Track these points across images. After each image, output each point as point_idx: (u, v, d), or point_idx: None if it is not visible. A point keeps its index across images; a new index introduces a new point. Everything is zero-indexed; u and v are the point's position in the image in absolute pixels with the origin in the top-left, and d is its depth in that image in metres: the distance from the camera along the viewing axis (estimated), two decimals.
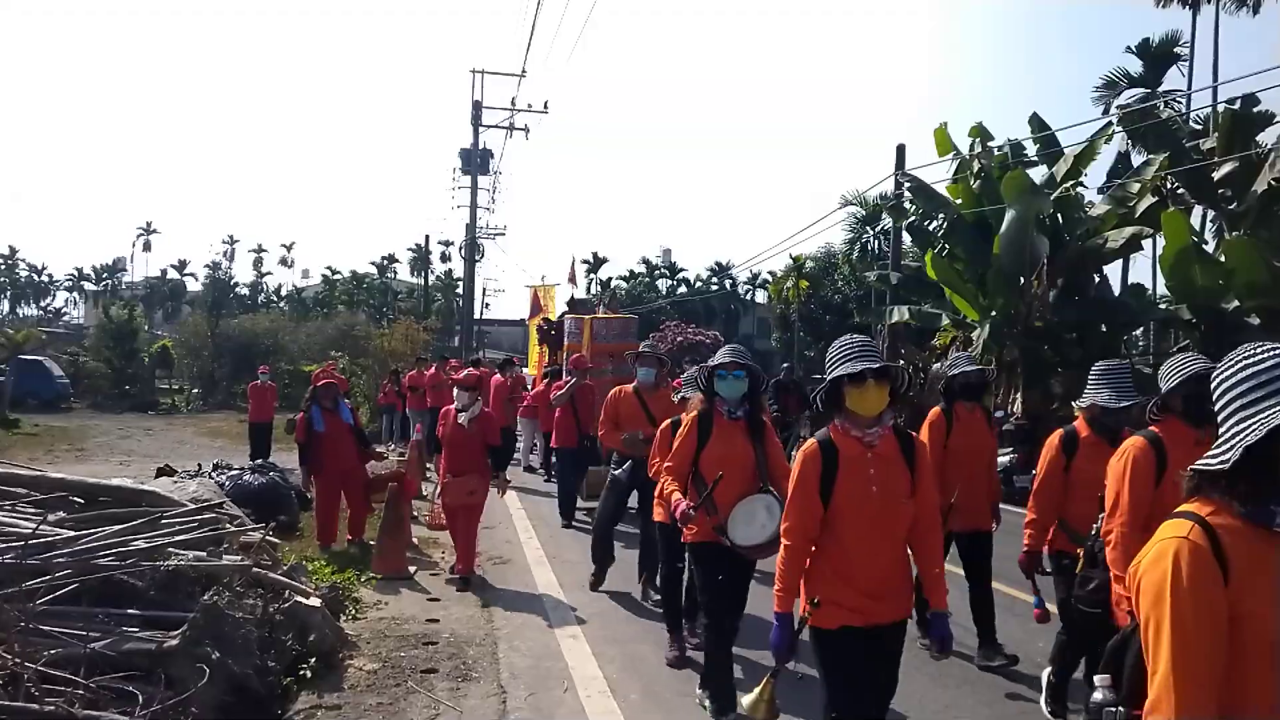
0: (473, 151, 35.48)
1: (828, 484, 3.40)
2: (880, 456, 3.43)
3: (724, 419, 4.92)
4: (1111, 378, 4.63)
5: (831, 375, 3.43)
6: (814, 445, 3.48)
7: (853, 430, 3.43)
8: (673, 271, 68.77)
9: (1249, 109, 17.00)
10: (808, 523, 3.47)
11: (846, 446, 3.42)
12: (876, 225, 32.87)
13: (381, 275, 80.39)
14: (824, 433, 3.51)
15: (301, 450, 9.22)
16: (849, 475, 3.38)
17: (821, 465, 3.42)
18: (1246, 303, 14.68)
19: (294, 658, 5.25)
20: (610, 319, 14.70)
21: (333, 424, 9.09)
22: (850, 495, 3.38)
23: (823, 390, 3.51)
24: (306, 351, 34.67)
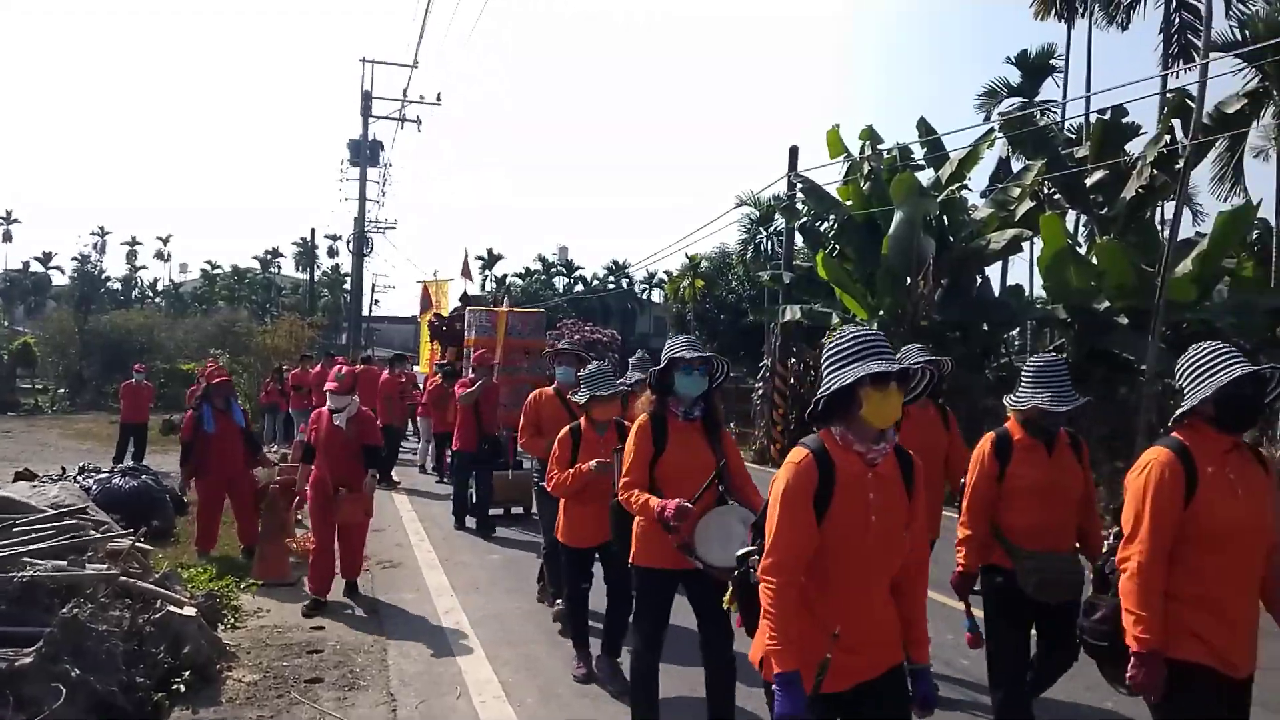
0: (362, 143, 34.60)
1: (820, 507, 2.77)
2: (881, 477, 2.84)
3: (679, 421, 4.35)
4: (1052, 377, 4.17)
5: (845, 375, 2.76)
6: (808, 456, 2.81)
7: (856, 444, 2.81)
8: (569, 269, 68.57)
9: (1118, 119, 17.83)
10: (801, 553, 2.77)
11: (845, 463, 2.80)
12: (770, 226, 33.38)
13: (265, 270, 77.66)
14: (815, 441, 2.86)
15: (185, 450, 8.63)
16: (846, 499, 2.78)
17: (818, 482, 2.78)
18: (1116, 303, 15.37)
19: (166, 671, 4.92)
20: (523, 313, 14.35)
21: (224, 425, 8.57)
22: (844, 523, 2.77)
23: (828, 393, 2.81)
24: (184, 349, 33.23)
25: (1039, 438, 4.24)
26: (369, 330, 53.02)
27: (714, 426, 4.41)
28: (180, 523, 10.07)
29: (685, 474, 4.23)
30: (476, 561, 8.84)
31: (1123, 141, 17.86)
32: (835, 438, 2.84)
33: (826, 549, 2.79)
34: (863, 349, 2.79)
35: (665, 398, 4.35)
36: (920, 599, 3.03)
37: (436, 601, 7.29)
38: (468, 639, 6.32)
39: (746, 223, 34.49)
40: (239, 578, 7.60)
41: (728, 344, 33.40)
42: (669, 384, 4.32)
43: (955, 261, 17.32)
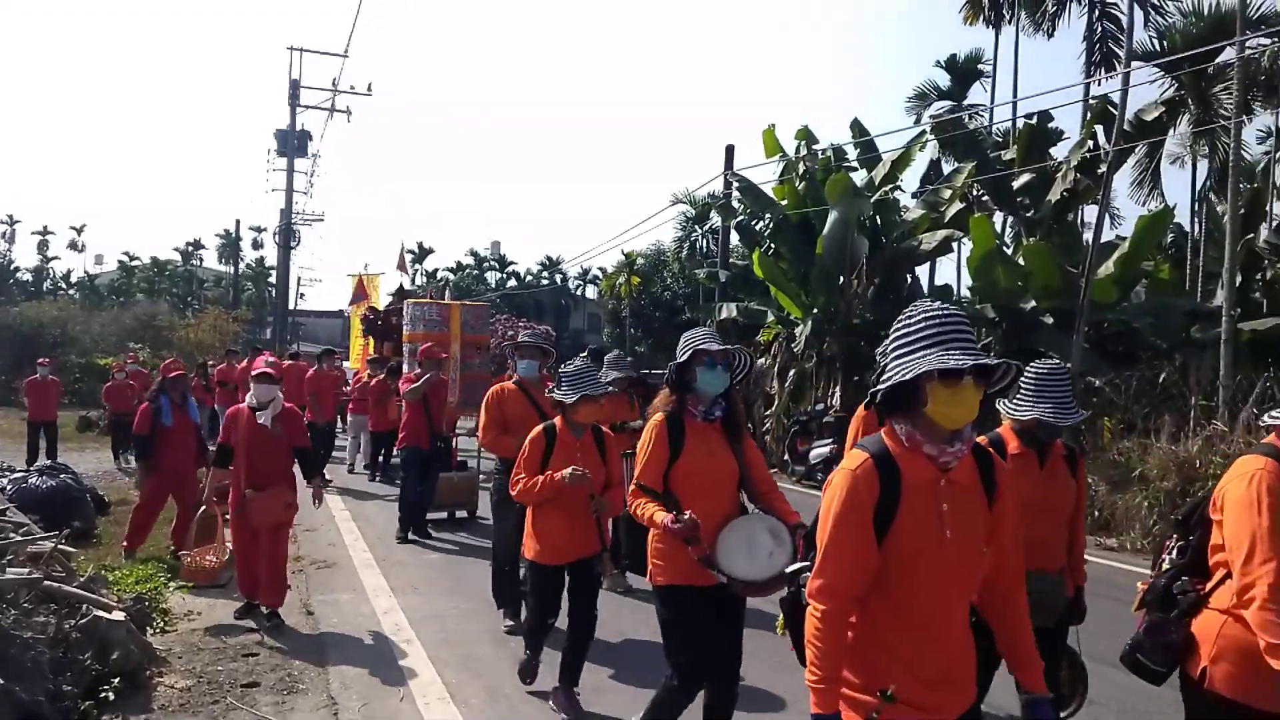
0: (289, 132, 33.83)
1: (883, 520, 2.32)
2: (956, 485, 2.37)
3: (697, 421, 3.91)
4: (1054, 388, 3.88)
5: (908, 366, 2.28)
6: (866, 460, 2.34)
7: (926, 445, 2.32)
8: (502, 264, 67.92)
9: (1044, 125, 18.34)
10: (857, 576, 2.33)
11: (913, 467, 2.33)
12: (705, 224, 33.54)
13: (186, 262, 75.35)
14: (876, 443, 2.40)
15: (141, 444, 8.31)
16: (914, 510, 2.32)
17: (879, 492, 2.32)
18: (1042, 303, 15.79)
19: (94, 678, 4.73)
20: (476, 306, 14.07)
21: (180, 420, 8.36)
22: (912, 541, 2.32)
23: (889, 385, 2.33)
24: (101, 343, 32.08)
25: (1032, 447, 4.01)
26: (294, 325, 51.85)
27: (735, 428, 3.99)
28: (102, 523, 9.74)
29: (705, 481, 3.84)
30: (413, 561, 8.69)
31: (1048, 146, 18.36)
32: (900, 437, 2.37)
33: (891, 571, 2.34)
34: (936, 334, 2.29)
35: (684, 396, 3.92)
36: (1023, 618, 2.55)
37: (374, 602, 7.15)
38: (409, 640, 6.20)
39: (682, 220, 34.64)
40: (168, 579, 7.37)
41: (663, 341, 33.46)
42: (689, 381, 3.89)
43: (888, 261, 17.61)
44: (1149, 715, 5.12)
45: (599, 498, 4.88)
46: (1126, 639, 3.12)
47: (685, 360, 3.88)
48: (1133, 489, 11.10)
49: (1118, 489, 11.43)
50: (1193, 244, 18.30)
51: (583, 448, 4.95)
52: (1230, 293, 12.19)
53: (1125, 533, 10.86)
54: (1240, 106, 12.93)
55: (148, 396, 8.56)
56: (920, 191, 19.31)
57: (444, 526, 10.26)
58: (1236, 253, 12.66)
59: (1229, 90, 14.82)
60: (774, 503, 3.93)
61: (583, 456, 4.87)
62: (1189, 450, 10.76)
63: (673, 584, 3.86)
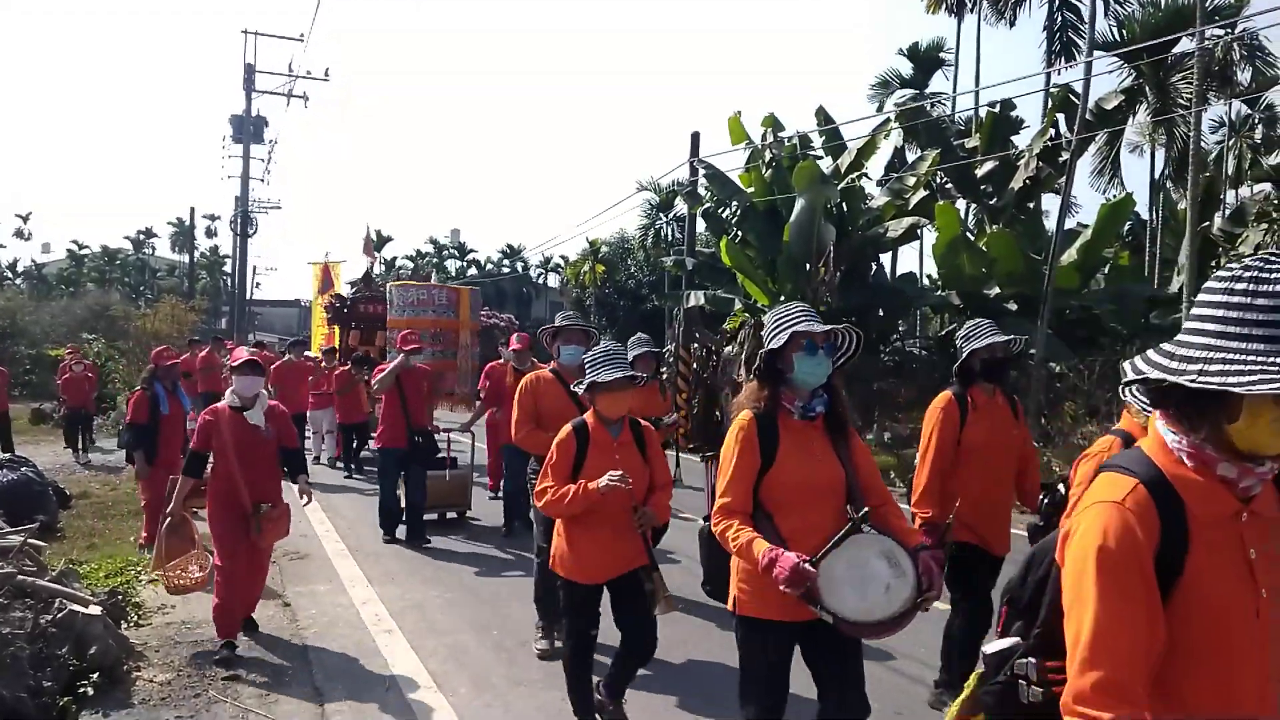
0: (245, 118, 33.29)
1: (1168, 571, 1.62)
2: (1264, 521, 1.70)
3: (793, 420, 3.15)
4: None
5: (1238, 375, 1.55)
6: (1137, 490, 1.65)
7: (1228, 471, 1.65)
8: (462, 252, 67.35)
9: (1006, 113, 18.53)
10: (1143, 660, 1.59)
11: (1208, 499, 1.66)
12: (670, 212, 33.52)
13: (138, 251, 73.88)
14: (1142, 462, 1.71)
15: (139, 434, 8.04)
16: (1215, 557, 1.65)
17: (1160, 532, 1.63)
18: (1006, 290, 16.00)
19: (72, 674, 4.62)
20: (475, 290, 13.82)
21: (175, 408, 8.26)
22: (1212, 604, 1.64)
23: (1204, 383, 1.57)
24: (51, 334, 31.31)
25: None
26: (250, 314, 51.09)
27: (840, 426, 3.22)
28: (65, 517, 9.52)
29: (804, 493, 3.09)
30: (388, 551, 8.59)
31: (1010, 134, 18.56)
32: (1190, 453, 1.68)
33: (1181, 648, 1.64)
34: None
35: (777, 389, 3.17)
36: None
37: (351, 592, 7.06)
38: (390, 630, 6.13)
39: (647, 208, 34.58)
40: (137, 571, 7.22)
41: (628, 329, 33.41)
42: (783, 370, 3.15)
43: (854, 249, 17.71)
44: None
45: (644, 509, 4.07)
46: None
47: (782, 345, 3.11)
48: None
49: None
50: (1151, 231, 18.62)
51: (621, 447, 4.18)
52: (1190, 279, 12.44)
53: None
54: (1200, 96, 13.16)
55: (141, 385, 8.35)
56: (885, 179, 19.42)
57: (443, 531, 9.40)
58: (1196, 242, 12.89)
59: (1187, 80, 15.09)
60: (889, 519, 3.13)
61: (622, 458, 4.10)
62: None
63: (759, 618, 3.13)
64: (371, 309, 15.82)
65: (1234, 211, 20.52)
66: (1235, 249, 18.66)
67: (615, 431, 4.23)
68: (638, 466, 4.17)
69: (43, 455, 14.79)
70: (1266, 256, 1.61)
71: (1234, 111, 24.70)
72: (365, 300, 16.18)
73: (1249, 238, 18.52)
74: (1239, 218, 19.80)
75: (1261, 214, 18.72)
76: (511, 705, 4.89)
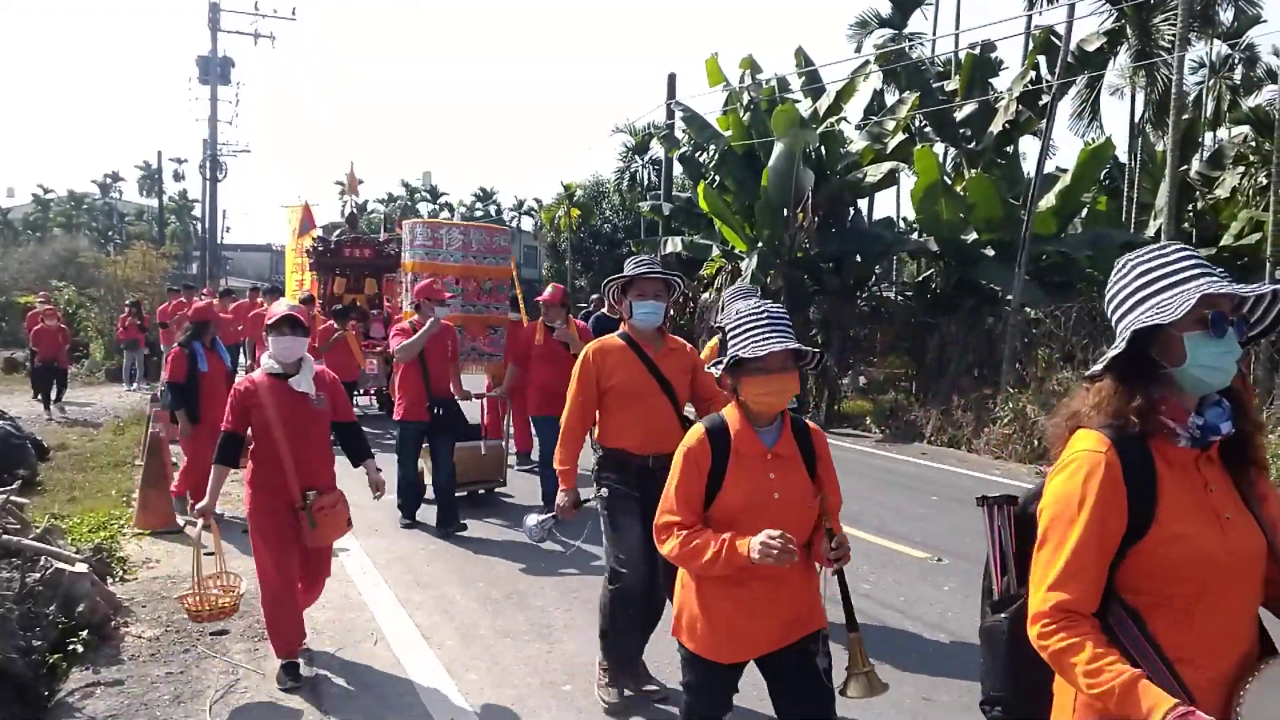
0: (212, 59, 32.53)
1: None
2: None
3: (1176, 448, 1.83)
4: None
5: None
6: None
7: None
8: (434, 195, 66.53)
9: (986, 55, 18.35)
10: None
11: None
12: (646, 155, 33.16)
13: (105, 195, 72.54)
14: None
15: (179, 393, 7.57)
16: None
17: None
18: (984, 235, 16.01)
19: (61, 632, 4.63)
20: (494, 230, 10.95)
21: (215, 365, 7.79)
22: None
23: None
24: (20, 280, 30.81)
25: None
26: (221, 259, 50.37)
27: (1242, 455, 1.89)
28: (44, 470, 9.46)
29: (1210, 576, 1.78)
30: (369, 503, 8.45)
31: (990, 76, 18.42)
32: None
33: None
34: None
35: (1153, 396, 1.84)
36: None
37: (335, 544, 7.07)
38: (376, 584, 6.18)
39: (623, 151, 34.20)
40: (120, 525, 7.22)
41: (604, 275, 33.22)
42: (1163, 361, 1.84)
43: (832, 194, 17.63)
44: None
45: (839, 537, 2.74)
46: None
47: (1165, 323, 1.78)
48: None
49: None
50: (1129, 175, 18.64)
51: (779, 463, 2.79)
52: (1168, 226, 12.50)
53: None
54: (1183, 39, 13.10)
55: (180, 341, 7.80)
56: (864, 123, 19.28)
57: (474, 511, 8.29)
58: (1175, 187, 12.93)
59: (1169, 21, 14.99)
60: None
61: (781, 479, 2.77)
62: None
63: None
64: (358, 253, 14.96)
65: (1212, 154, 20.57)
66: (1212, 192, 18.78)
67: (771, 438, 2.81)
68: (804, 492, 2.79)
69: (16, 406, 14.64)
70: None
71: (1214, 52, 24.66)
72: (351, 243, 15.05)
73: (1226, 181, 18.64)
74: (1217, 161, 19.87)
75: (1239, 157, 18.80)
76: (499, 657, 4.95)
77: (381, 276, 15.28)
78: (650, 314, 4.29)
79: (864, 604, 5.89)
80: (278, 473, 4.42)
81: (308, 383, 4.54)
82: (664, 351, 4.36)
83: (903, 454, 12.61)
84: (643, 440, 4.22)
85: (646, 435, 4.21)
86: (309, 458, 4.51)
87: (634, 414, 4.20)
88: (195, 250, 57.04)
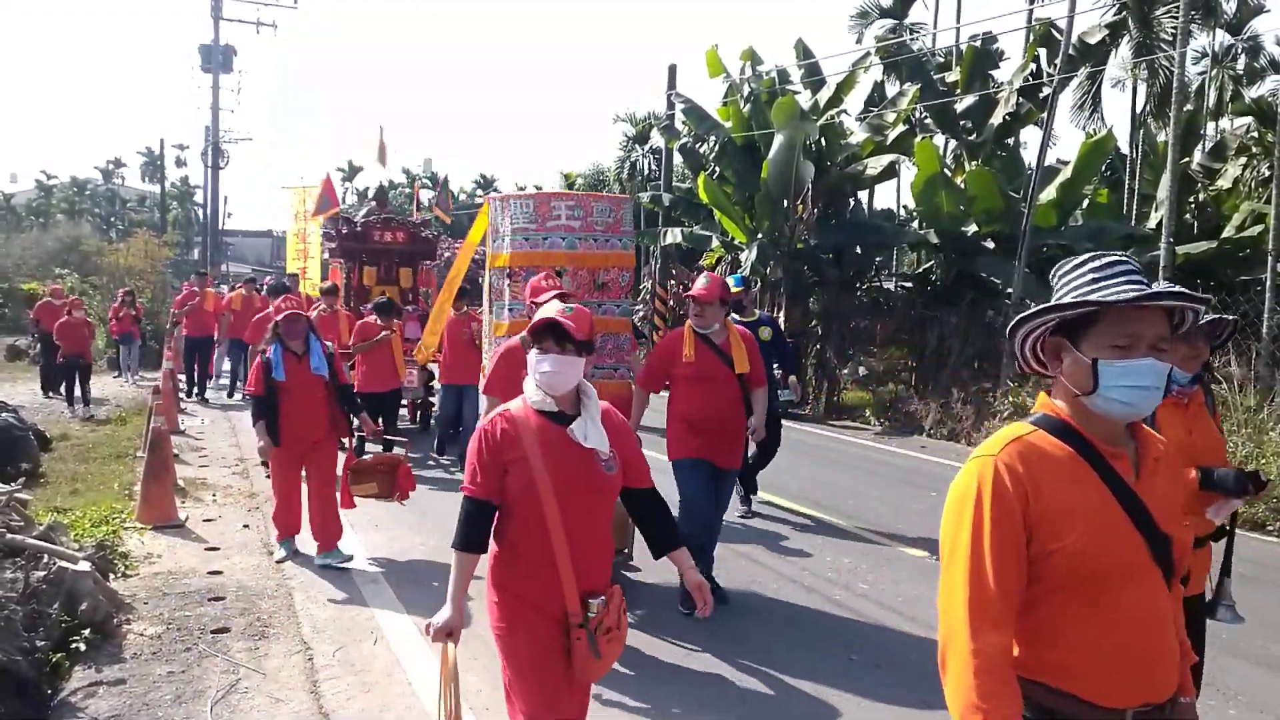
0: (214, 48, 32.49)
1: None
2: None
3: None
4: None
5: None
6: None
7: None
8: (435, 182, 66.43)
9: (987, 47, 18.30)
10: None
11: None
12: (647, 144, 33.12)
13: (108, 181, 72.46)
14: None
15: (257, 406, 6.54)
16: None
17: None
18: (984, 228, 16.00)
19: (64, 631, 4.69)
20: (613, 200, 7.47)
21: (298, 374, 6.46)
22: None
23: None
24: (23, 267, 30.83)
25: None
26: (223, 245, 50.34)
27: None
28: (46, 461, 9.51)
29: None
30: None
31: (990, 68, 18.37)
32: None
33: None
34: None
35: None
36: None
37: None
38: (375, 580, 6.24)
39: (623, 140, 34.14)
40: (122, 520, 7.27)
41: None
42: None
43: (832, 186, 17.62)
44: None
45: None
46: None
47: None
48: None
49: None
50: (1131, 166, 18.60)
51: None
52: (1170, 218, 12.49)
53: None
54: (1185, 33, 13.05)
55: (262, 345, 6.86)
56: (865, 114, 19.23)
57: None
58: (1177, 179, 12.91)
59: (1171, 13, 14.94)
60: None
61: None
62: None
63: None
64: (390, 236, 12.67)
65: (1215, 146, 20.50)
66: (1214, 184, 18.72)
67: None
68: None
69: (20, 395, 14.71)
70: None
71: (1217, 42, 24.54)
72: (381, 225, 12.72)
73: (1228, 172, 18.57)
74: (1219, 152, 19.79)
75: (1241, 148, 18.73)
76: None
77: (417, 265, 13.06)
78: None
79: (861, 604, 5.97)
80: (545, 569, 2.88)
81: (597, 433, 2.91)
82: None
83: (903, 448, 12.65)
84: None
85: None
86: (591, 545, 2.95)
87: None
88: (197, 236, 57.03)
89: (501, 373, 5.07)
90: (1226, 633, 5.57)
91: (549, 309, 2.98)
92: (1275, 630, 5.67)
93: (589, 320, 2.96)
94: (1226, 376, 10.45)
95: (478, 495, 2.94)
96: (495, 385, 5.08)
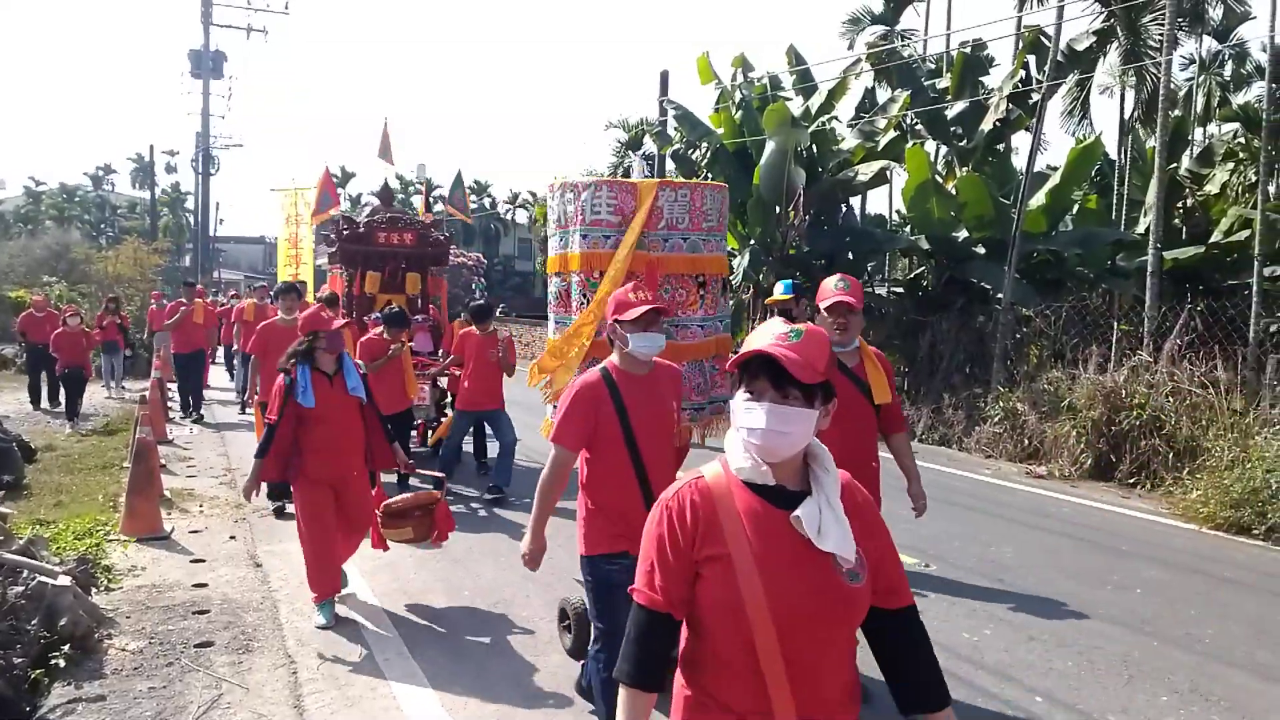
0: (204, 53, 32.45)
1: None
2: None
3: None
4: None
5: None
6: None
7: None
8: (428, 188, 66.38)
9: (978, 53, 18.33)
10: None
11: None
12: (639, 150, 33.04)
13: (97, 188, 72.18)
14: None
15: (266, 435, 5.50)
16: None
17: None
18: (975, 234, 16.00)
19: (43, 647, 4.62)
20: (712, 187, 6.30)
21: (329, 397, 5.50)
22: None
23: None
24: (10, 275, 30.69)
25: None
26: (214, 251, 50.21)
27: None
28: (30, 472, 9.43)
29: None
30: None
31: (981, 74, 18.41)
32: None
33: None
34: None
35: None
36: None
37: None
38: (362, 593, 6.18)
39: (616, 146, 34.06)
40: (105, 532, 7.20)
41: None
42: None
43: (824, 192, 17.63)
44: None
45: None
46: None
47: None
48: (1061, 418, 11.48)
49: (1046, 418, 11.83)
50: (1119, 172, 18.64)
51: None
52: (1157, 224, 12.51)
53: (1054, 461, 11.26)
54: (1171, 41, 13.09)
55: (282, 365, 5.58)
56: (856, 120, 19.25)
57: None
58: (1165, 185, 12.94)
59: (1158, 21, 14.98)
60: None
61: None
62: (1115, 380, 11.13)
63: None
64: (396, 238, 11.34)
65: (1202, 151, 20.56)
66: (1201, 189, 18.77)
67: None
68: None
69: (5, 404, 14.62)
70: None
71: (1204, 48, 24.64)
72: (386, 226, 11.42)
73: (1216, 177, 18.63)
74: (1206, 158, 19.85)
75: (1229, 153, 18.79)
76: (485, 669, 4.96)
77: (427, 271, 11.86)
78: None
79: None
80: (759, 698, 1.87)
81: (837, 525, 1.88)
82: None
83: None
84: None
85: None
86: (821, 693, 1.91)
87: None
88: (189, 243, 56.91)
89: (576, 419, 3.70)
90: (1213, 638, 5.59)
91: (764, 333, 1.92)
92: (1260, 635, 5.66)
93: (825, 349, 1.91)
94: (1213, 380, 10.47)
95: (657, 607, 1.92)
96: (567, 433, 3.71)
